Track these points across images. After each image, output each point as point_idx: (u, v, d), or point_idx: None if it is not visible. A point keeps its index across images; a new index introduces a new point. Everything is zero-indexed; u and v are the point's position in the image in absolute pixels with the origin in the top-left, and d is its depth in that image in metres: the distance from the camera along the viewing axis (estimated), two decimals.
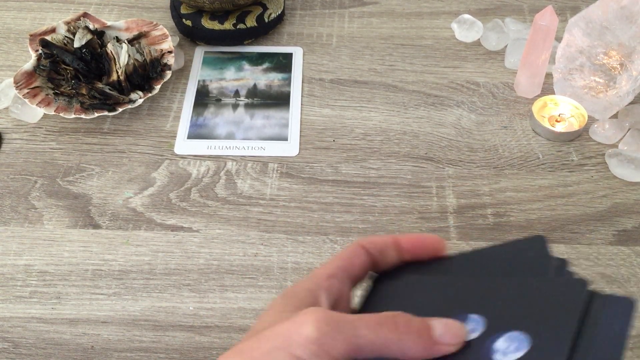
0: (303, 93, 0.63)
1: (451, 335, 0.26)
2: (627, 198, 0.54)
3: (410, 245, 0.32)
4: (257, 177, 0.56)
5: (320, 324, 0.25)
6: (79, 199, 0.54)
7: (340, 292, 0.31)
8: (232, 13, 0.67)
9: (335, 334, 0.25)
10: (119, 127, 0.60)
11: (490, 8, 0.72)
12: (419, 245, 0.32)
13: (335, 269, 0.31)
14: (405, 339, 0.26)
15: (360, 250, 0.32)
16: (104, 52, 0.60)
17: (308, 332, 0.25)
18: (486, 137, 0.59)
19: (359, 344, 0.25)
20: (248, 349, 0.25)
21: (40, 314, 0.47)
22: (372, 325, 0.26)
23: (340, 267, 0.31)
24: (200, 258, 0.50)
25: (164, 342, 0.46)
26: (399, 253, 0.32)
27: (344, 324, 0.25)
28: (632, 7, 0.55)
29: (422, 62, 0.66)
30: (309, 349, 0.24)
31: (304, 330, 0.25)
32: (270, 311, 0.29)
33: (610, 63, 0.57)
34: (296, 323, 0.25)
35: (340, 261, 0.31)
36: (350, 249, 0.32)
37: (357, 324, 0.26)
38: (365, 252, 0.32)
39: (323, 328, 0.25)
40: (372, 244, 0.32)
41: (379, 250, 0.32)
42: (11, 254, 0.51)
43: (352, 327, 0.25)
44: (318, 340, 0.24)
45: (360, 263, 0.32)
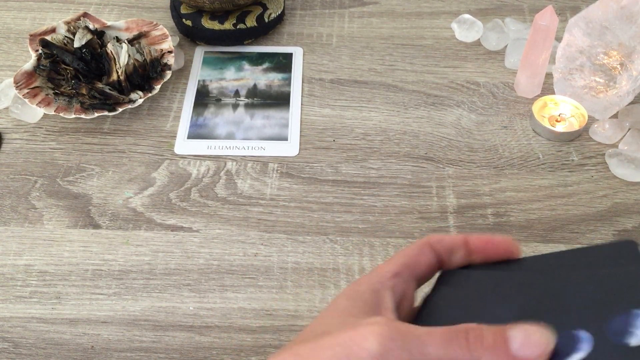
0: (303, 93, 0.63)
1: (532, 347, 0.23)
2: (627, 198, 0.54)
3: (481, 245, 0.30)
4: (257, 177, 0.56)
5: (384, 339, 0.23)
6: (79, 199, 0.54)
7: (404, 292, 0.29)
8: (232, 13, 0.67)
9: (400, 351, 0.23)
10: (119, 127, 0.60)
11: (490, 8, 0.72)
12: (490, 247, 0.30)
13: (401, 267, 0.29)
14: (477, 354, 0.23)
15: (427, 249, 0.30)
16: (104, 52, 0.60)
17: (371, 346, 0.23)
18: (486, 137, 0.59)
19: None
20: (306, 353, 0.24)
21: (40, 314, 0.47)
22: (441, 342, 0.24)
23: (406, 265, 0.29)
24: (200, 258, 0.50)
25: (164, 342, 0.46)
26: (468, 253, 0.30)
27: (411, 339, 0.24)
28: (632, 7, 0.55)
29: (422, 62, 0.66)
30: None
31: (367, 344, 0.23)
32: (333, 313, 0.27)
33: (610, 63, 0.57)
34: (359, 334, 0.24)
35: (406, 258, 0.30)
36: (416, 246, 0.30)
37: (425, 339, 0.24)
38: (431, 251, 0.30)
39: (387, 344, 0.23)
40: (440, 242, 0.30)
41: (448, 249, 0.30)
42: (11, 254, 0.51)
43: (418, 343, 0.24)
44: (381, 357, 0.23)
45: (427, 262, 0.30)
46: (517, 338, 0.23)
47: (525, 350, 0.23)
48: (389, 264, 0.29)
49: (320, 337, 0.25)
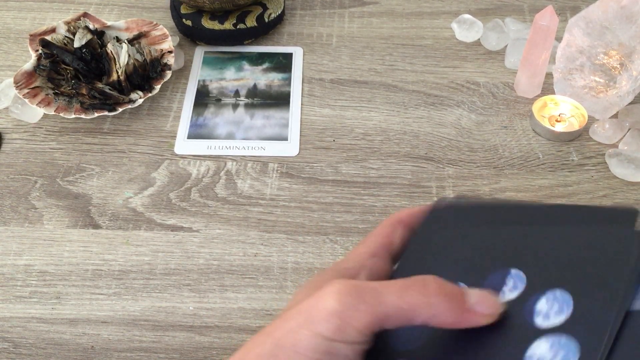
0: (303, 93, 0.63)
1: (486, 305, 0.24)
2: (627, 198, 0.54)
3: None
4: (257, 177, 0.56)
5: (341, 296, 0.23)
6: (79, 199, 0.54)
7: (383, 271, 0.29)
8: (232, 13, 0.67)
9: (358, 304, 0.23)
10: (119, 127, 0.60)
11: (490, 8, 0.72)
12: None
13: (378, 247, 0.29)
14: (435, 303, 0.24)
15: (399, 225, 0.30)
16: (104, 52, 0.60)
17: (329, 305, 0.23)
18: (486, 137, 0.59)
19: (385, 312, 0.23)
20: (272, 329, 0.24)
21: (40, 314, 0.47)
22: (398, 290, 0.24)
23: (382, 245, 0.29)
24: (200, 258, 0.50)
25: (164, 342, 0.46)
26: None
27: (368, 292, 0.24)
28: (632, 7, 0.55)
29: (422, 62, 0.66)
30: (331, 323, 0.23)
31: (325, 303, 0.23)
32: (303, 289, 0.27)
33: (610, 63, 0.57)
34: (318, 298, 0.24)
35: (381, 238, 0.30)
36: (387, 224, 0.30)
37: (382, 290, 0.24)
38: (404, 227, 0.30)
39: (344, 299, 0.23)
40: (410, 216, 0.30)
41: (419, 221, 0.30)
42: (11, 254, 0.51)
43: (376, 294, 0.24)
44: (340, 313, 0.23)
45: (401, 238, 0.30)
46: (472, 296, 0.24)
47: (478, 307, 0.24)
48: (365, 245, 0.29)
49: (286, 311, 0.25)
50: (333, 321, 0.23)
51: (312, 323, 0.23)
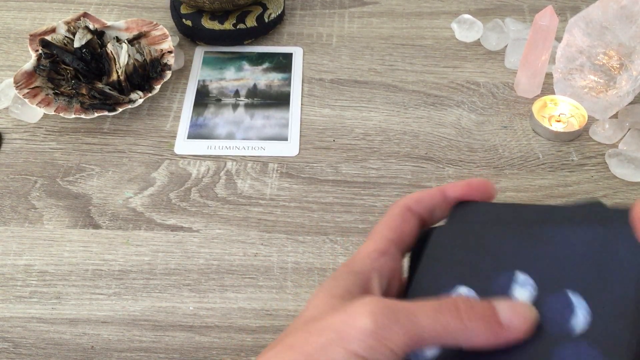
0: (303, 93, 0.63)
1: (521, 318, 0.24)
2: (627, 198, 0.54)
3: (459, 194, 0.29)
4: (257, 177, 0.56)
5: (376, 316, 0.23)
6: (79, 199, 0.54)
7: (393, 271, 0.28)
8: (232, 13, 0.67)
9: (393, 325, 0.23)
10: (119, 127, 0.60)
11: (490, 8, 0.72)
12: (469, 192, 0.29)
13: (387, 244, 0.28)
14: (469, 324, 0.23)
15: (409, 215, 0.29)
16: (104, 52, 0.60)
17: (364, 324, 0.23)
18: (486, 137, 0.59)
19: (420, 334, 0.23)
20: (299, 343, 0.24)
21: (40, 314, 0.47)
22: (432, 313, 0.23)
23: (392, 241, 0.28)
24: (200, 258, 0.50)
25: (164, 342, 0.46)
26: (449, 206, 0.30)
27: (402, 313, 0.23)
28: (632, 7, 0.55)
29: (422, 62, 0.66)
30: (366, 343, 0.22)
31: (359, 322, 0.23)
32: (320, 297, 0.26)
33: (610, 63, 0.57)
34: (350, 315, 0.23)
35: (390, 232, 0.29)
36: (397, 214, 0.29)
37: (416, 312, 0.23)
38: (413, 215, 0.29)
39: (380, 320, 0.23)
40: (419, 203, 0.29)
41: (429, 209, 0.29)
42: (11, 254, 0.51)
43: (410, 316, 0.23)
44: (375, 334, 0.23)
45: (411, 230, 0.29)
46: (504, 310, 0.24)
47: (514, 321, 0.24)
48: (374, 241, 0.28)
49: (310, 324, 0.24)
50: (368, 341, 0.23)
51: (346, 341, 0.23)
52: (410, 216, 0.29)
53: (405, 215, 0.29)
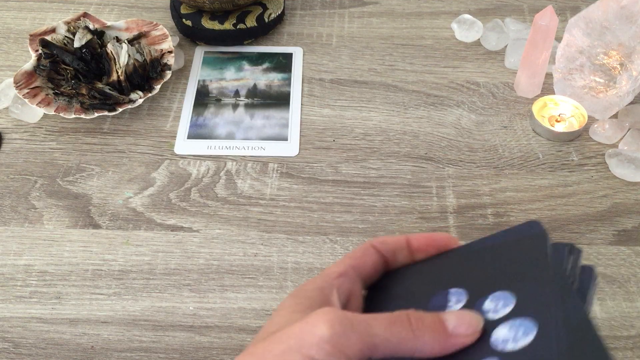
0: (303, 93, 0.63)
1: (465, 325, 0.26)
2: (627, 198, 0.54)
3: (421, 244, 0.32)
4: (257, 177, 0.56)
5: (333, 324, 0.24)
6: (79, 199, 0.54)
7: (350, 291, 0.30)
8: (232, 13, 0.67)
9: (349, 333, 0.24)
10: (119, 127, 0.60)
11: (490, 8, 0.72)
12: (430, 244, 0.32)
13: (347, 268, 0.31)
14: (420, 336, 0.25)
15: (372, 250, 0.32)
16: (104, 52, 0.60)
17: (322, 332, 0.24)
18: (486, 137, 0.59)
19: (374, 342, 0.25)
20: (260, 351, 0.25)
21: (40, 314, 0.47)
22: (386, 324, 0.25)
23: (352, 266, 0.31)
24: (200, 258, 0.50)
25: (164, 342, 0.46)
26: (411, 253, 0.32)
27: (358, 323, 0.25)
28: (632, 7, 0.55)
29: (422, 62, 0.66)
30: (323, 349, 0.24)
31: (317, 330, 0.24)
32: (281, 312, 0.28)
33: (610, 63, 0.57)
34: (309, 323, 0.25)
35: (352, 260, 0.31)
36: (362, 248, 0.32)
37: (371, 322, 0.25)
38: (376, 252, 0.32)
39: (337, 327, 0.24)
40: (383, 244, 0.32)
41: (391, 250, 0.32)
42: (11, 254, 0.51)
43: (366, 326, 0.25)
44: (332, 340, 0.24)
45: (372, 263, 0.31)
46: (451, 320, 0.26)
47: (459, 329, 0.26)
48: (336, 266, 0.31)
49: (271, 334, 0.26)
50: (325, 347, 0.24)
51: (304, 347, 0.24)
52: (372, 251, 0.32)
53: (367, 250, 0.32)
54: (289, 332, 0.25)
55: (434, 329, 0.25)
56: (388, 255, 0.32)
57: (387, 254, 0.32)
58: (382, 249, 0.32)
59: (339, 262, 0.31)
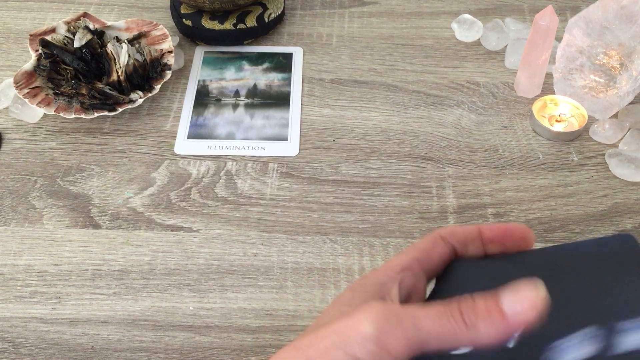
0: (303, 93, 0.63)
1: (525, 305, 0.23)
2: (627, 198, 0.54)
3: (495, 235, 0.29)
4: (257, 177, 0.56)
5: (379, 321, 0.23)
6: (79, 199, 0.54)
7: (413, 286, 0.28)
8: (232, 13, 0.67)
9: (395, 330, 0.23)
10: (119, 127, 0.60)
11: (490, 8, 0.72)
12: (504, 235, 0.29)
13: (411, 261, 0.28)
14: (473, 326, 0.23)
15: (440, 242, 0.29)
16: (104, 52, 0.60)
17: (366, 329, 0.23)
18: (486, 137, 0.59)
19: (423, 338, 0.23)
20: (305, 345, 0.24)
21: (40, 314, 0.47)
22: (435, 317, 0.23)
23: (417, 259, 0.29)
24: (200, 258, 0.50)
25: (164, 342, 0.46)
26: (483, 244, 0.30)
27: (405, 317, 0.23)
28: (632, 7, 0.55)
29: (422, 62, 0.66)
30: (367, 348, 0.23)
31: (361, 327, 0.23)
32: (335, 304, 0.27)
33: (610, 63, 0.57)
34: (354, 319, 0.24)
35: (417, 252, 0.29)
36: (428, 239, 0.29)
37: (419, 316, 0.23)
38: (445, 244, 0.29)
39: (382, 325, 0.23)
40: (453, 235, 0.30)
41: (461, 242, 0.30)
42: (11, 254, 0.51)
43: (413, 320, 0.23)
44: (376, 339, 0.23)
45: (439, 256, 0.29)
46: (506, 297, 0.23)
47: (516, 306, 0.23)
48: (399, 258, 0.29)
49: (319, 328, 0.25)
50: (369, 346, 0.23)
51: (347, 345, 0.23)
52: (440, 243, 0.29)
53: (436, 242, 0.29)
54: (333, 328, 0.24)
55: (487, 315, 0.23)
56: (458, 247, 0.30)
57: (457, 246, 0.30)
58: (451, 240, 0.29)
59: (403, 253, 0.29)
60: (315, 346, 0.24)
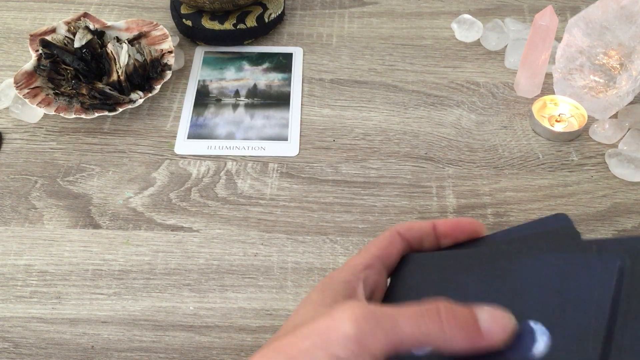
0: (303, 93, 0.63)
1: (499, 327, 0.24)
2: (627, 198, 0.54)
3: (448, 229, 0.31)
4: (257, 177, 0.56)
5: (358, 321, 0.24)
6: (79, 199, 0.54)
7: (376, 282, 0.30)
8: (232, 13, 0.67)
9: (375, 330, 0.24)
10: (119, 127, 0.60)
11: (490, 8, 0.72)
12: (457, 229, 0.31)
13: (372, 259, 0.30)
14: (449, 331, 0.24)
15: (397, 238, 0.31)
16: (104, 52, 0.60)
17: (346, 329, 0.24)
18: (486, 137, 0.59)
19: (401, 338, 0.24)
20: (285, 346, 0.24)
21: (41, 314, 0.47)
22: (413, 318, 0.24)
23: (377, 257, 0.30)
24: (200, 258, 0.50)
25: (164, 342, 0.46)
26: (437, 238, 0.31)
27: (384, 318, 0.24)
28: (632, 7, 0.55)
29: (422, 62, 0.66)
30: (348, 347, 0.23)
31: (342, 327, 0.24)
32: (307, 305, 0.28)
33: (610, 63, 0.57)
34: (334, 319, 0.24)
35: (377, 250, 0.30)
36: (386, 236, 0.31)
37: (398, 317, 0.24)
38: (401, 240, 0.31)
39: (362, 325, 0.24)
40: (409, 230, 0.31)
41: (417, 237, 0.31)
42: (11, 254, 0.51)
43: (392, 321, 0.24)
44: (357, 338, 0.23)
45: (397, 251, 0.31)
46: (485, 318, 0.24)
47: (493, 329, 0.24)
48: (359, 257, 0.30)
49: (296, 329, 0.25)
50: (350, 345, 0.23)
51: (329, 345, 0.23)
52: (398, 239, 0.31)
53: (393, 238, 0.31)
54: (313, 328, 0.24)
55: (464, 325, 0.24)
56: (414, 242, 0.31)
57: (412, 241, 0.31)
58: (408, 236, 0.31)
59: (364, 251, 0.30)
60: (296, 346, 0.24)
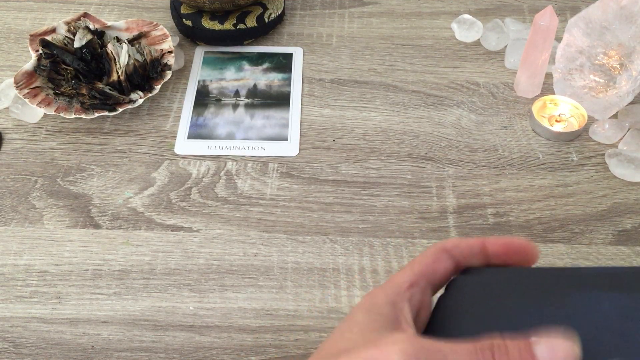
0: (303, 93, 0.63)
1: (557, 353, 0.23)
2: (627, 198, 0.54)
3: (499, 249, 0.29)
4: (257, 177, 0.56)
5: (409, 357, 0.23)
6: (79, 199, 0.54)
7: (421, 302, 0.29)
8: (232, 13, 0.67)
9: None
10: (119, 127, 0.60)
11: (490, 8, 0.72)
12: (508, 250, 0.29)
13: (417, 277, 0.29)
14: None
15: (443, 255, 0.30)
16: (104, 52, 0.60)
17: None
18: (486, 137, 0.59)
19: None
20: None
21: (41, 314, 0.47)
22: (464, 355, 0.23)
23: (422, 274, 0.29)
24: (200, 258, 0.50)
25: (164, 342, 0.46)
26: (486, 258, 0.30)
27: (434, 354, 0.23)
28: (632, 7, 0.55)
29: (422, 62, 0.66)
30: None
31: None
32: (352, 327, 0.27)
33: (610, 63, 0.57)
34: (382, 351, 0.24)
35: (422, 267, 0.29)
36: (431, 252, 0.30)
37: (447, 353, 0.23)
38: (448, 257, 0.30)
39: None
40: (456, 248, 0.30)
41: (465, 254, 0.30)
42: (11, 254, 0.51)
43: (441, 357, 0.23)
44: None
45: (444, 269, 0.29)
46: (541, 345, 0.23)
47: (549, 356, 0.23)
48: (404, 274, 0.29)
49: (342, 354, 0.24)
50: None
51: None
52: (444, 257, 0.30)
53: (438, 254, 0.30)
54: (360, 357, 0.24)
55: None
56: (461, 259, 0.30)
57: (460, 259, 0.30)
58: (455, 253, 0.30)
59: (409, 268, 0.29)
60: None
